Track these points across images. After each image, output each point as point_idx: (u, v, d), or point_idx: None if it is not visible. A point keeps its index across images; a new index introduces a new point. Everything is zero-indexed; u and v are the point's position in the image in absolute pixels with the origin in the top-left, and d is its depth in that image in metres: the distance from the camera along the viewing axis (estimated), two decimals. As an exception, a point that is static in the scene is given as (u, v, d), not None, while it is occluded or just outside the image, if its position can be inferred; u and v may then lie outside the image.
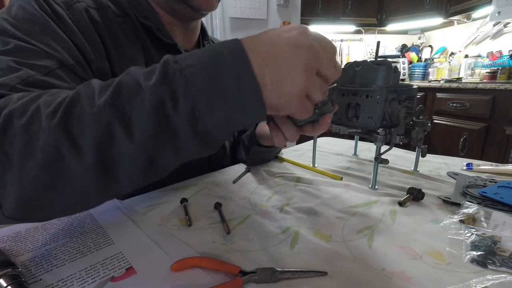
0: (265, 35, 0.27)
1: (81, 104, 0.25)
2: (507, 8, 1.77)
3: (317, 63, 0.27)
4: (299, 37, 0.26)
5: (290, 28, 0.27)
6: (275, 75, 0.26)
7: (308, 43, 0.26)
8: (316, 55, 0.27)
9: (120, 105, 0.25)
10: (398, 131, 0.47)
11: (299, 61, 0.26)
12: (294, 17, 1.99)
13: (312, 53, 0.27)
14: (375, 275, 0.29)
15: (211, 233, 0.37)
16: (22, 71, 0.32)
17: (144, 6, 0.50)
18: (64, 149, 0.24)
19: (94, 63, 0.42)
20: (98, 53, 0.43)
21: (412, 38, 3.13)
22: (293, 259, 0.31)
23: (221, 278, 0.28)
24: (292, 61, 0.26)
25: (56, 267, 0.30)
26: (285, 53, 0.26)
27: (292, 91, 0.26)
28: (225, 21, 1.81)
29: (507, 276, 0.28)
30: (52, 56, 0.36)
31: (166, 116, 0.25)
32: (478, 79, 2.16)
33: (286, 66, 0.26)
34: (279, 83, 0.26)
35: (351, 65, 0.51)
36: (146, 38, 0.51)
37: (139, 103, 0.24)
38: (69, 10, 0.41)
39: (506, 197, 0.43)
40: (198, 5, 0.49)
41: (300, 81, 0.26)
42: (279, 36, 0.27)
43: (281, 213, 0.42)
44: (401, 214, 0.41)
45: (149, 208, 0.43)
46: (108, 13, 0.47)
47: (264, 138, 0.57)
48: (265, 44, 0.26)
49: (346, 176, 0.56)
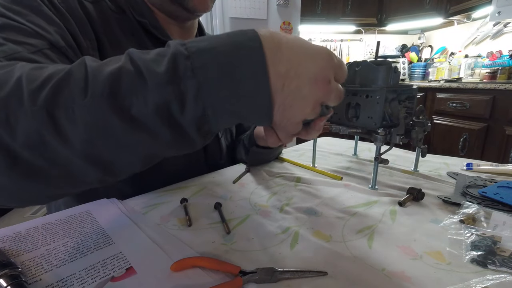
0: (290, 49, 0.25)
1: (71, 89, 0.22)
2: (507, 8, 1.77)
3: (326, 98, 0.27)
4: (321, 72, 0.26)
5: (316, 52, 0.26)
6: (286, 100, 0.25)
7: (327, 80, 0.26)
8: (329, 92, 0.27)
9: (119, 98, 0.22)
10: (398, 131, 0.47)
11: (313, 97, 0.26)
12: (294, 17, 1.98)
13: (327, 90, 0.26)
14: (375, 275, 0.29)
15: (211, 233, 0.37)
16: (7, 46, 0.31)
17: (140, 4, 0.51)
18: (49, 136, 0.22)
19: (85, 50, 0.42)
20: (89, 41, 0.43)
21: (412, 38, 3.13)
22: (293, 259, 0.31)
23: (221, 278, 0.28)
24: (306, 95, 0.26)
25: (56, 267, 0.30)
26: (302, 85, 0.25)
27: (295, 119, 0.27)
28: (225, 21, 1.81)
29: (507, 276, 0.28)
30: (42, 37, 0.36)
31: (169, 117, 0.23)
32: (478, 79, 2.16)
33: (299, 96, 0.25)
34: (286, 108, 0.26)
35: (351, 65, 0.51)
36: (143, 35, 0.51)
37: (141, 100, 0.22)
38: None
39: (506, 197, 0.43)
40: (193, 7, 0.50)
41: (306, 113, 0.27)
42: (304, 61, 0.25)
43: (281, 213, 0.42)
44: (401, 214, 0.41)
45: (149, 208, 0.43)
46: (104, 8, 0.47)
47: (260, 138, 0.57)
48: (288, 64, 0.25)
49: (346, 176, 0.56)
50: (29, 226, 0.38)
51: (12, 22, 0.34)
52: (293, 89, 0.25)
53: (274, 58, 0.24)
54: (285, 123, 0.27)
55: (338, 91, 0.28)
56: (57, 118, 0.21)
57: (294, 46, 0.25)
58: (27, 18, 0.35)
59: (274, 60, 0.24)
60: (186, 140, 0.25)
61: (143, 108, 0.22)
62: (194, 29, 0.61)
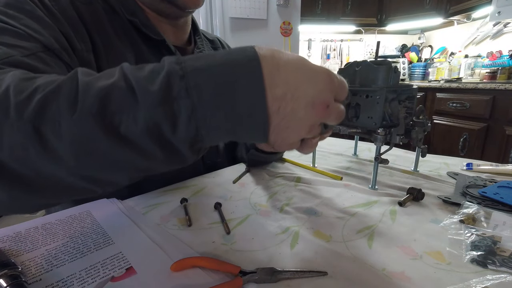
0: (289, 71, 0.24)
1: (59, 103, 0.21)
2: (507, 8, 1.77)
3: (324, 120, 0.27)
4: (319, 96, 0.25)
5: (315, 74, 0.25)
6: (281, 122, 0.25)
7: (325, 103, 0.26)
8: (327, 115, 0.26)
9: (108, 115, 0.21)
10: (398, 131, 0.47)
11: (309, 120, 0.26)
12: (294, 17, 1.99)
13: (324, 114, 0.26)
14: (375, 275, 0.29)
15: (211, 233, 0.37)
16: (1, 49, 0.31)
17: (131, 4, 0.51)
18: (34, 150, 0.21)
19: (79, 52, 0.42)
20: (83, 43, 0.43)
21: (412, 38, 3.13)
22: (293, 259, 0.31)
23: (221, 278, 0.28)
24: (302, 118, 0.25)
25: (56, 267, 0.30)
26: (298, 108, 0.25)
27: (290, 140, 0.27)
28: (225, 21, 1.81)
29: (507, 276, 0.28)
30: (36, 40, 0.36)
31: (160, 137, 0.22)
32: (478, 79, 2.16)
33: (295, 119, 0.25)
34: (282, 130, 0.25)
35: (351, 65, 0.51)
36: (135, 34, 0.51)
37: (131, 118, 0.21)
38: (55, 1, 0.42)
39: (506, 197, 0.43)
40: (183, 3, 0.50)
41: (301, 134, 0.27)
42: (301, 84, 0.25)
43: (281, 213, 0.42)
44: (401, 214, 0.41)
45: (149, 208, 0.43)
46: (97, 9, 0.47)
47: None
48: (285, 87, 0.24)
49: (346, 176, 0.56)
50: (29, 226, 0.38)
51: (6, 26, 0.34)
52: (289, 112, 0.24)
53: (271, 80, 0.23)
54: (279, 143, 0.27)
55: (338, 112, 0.27)
56: (43, 133, 0.21)
57: (293, 68, 0.25)
58: (21, 22, 0.35)
59: (271, 82, 0.23)
60: (177, 157, 0.25)
61: (132, 127, 0.22)
62: (187, 27, 0.61)
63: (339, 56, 3.10)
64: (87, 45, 0.44)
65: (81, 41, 0.43)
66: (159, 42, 0.53)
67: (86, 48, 0.43)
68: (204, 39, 0.67)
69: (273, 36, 1.95)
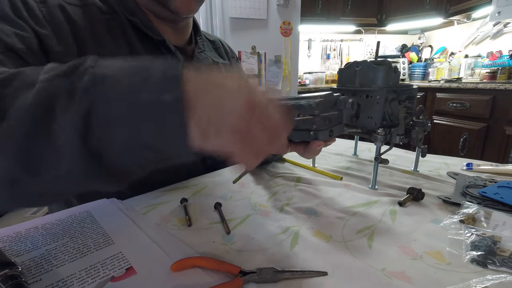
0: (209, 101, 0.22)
1: None
2: (507, 8, 1.77)
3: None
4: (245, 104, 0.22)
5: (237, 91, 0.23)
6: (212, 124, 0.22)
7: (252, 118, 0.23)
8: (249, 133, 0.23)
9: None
10: (398, 131, 0.47)
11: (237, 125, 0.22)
12: (294, 17, 1.98)
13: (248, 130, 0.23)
14: (375, 275, 0.29)
15: (211, 233, 0.37)
16: None
17: (132, 5, 0.51)
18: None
19: (55, 54, 0.42)
20: (64, 45, 0.43)
21: (412, 38, 3.13)
22: (293, 259, 0.31)
23: (221, 278, 0.28)
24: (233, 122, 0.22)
25: (56, 267, 0.30)
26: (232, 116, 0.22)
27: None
28: (225, 21, 1.81)
29: (507, 276, 0.28)
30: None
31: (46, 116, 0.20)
32: (478, 79, 2.16)
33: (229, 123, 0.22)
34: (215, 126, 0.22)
35: (351, 65, 0.51)
36: (133, 35, 0.51)
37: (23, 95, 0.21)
38: (42, 3, 0.42)
39: (506, 197, 0.43)
40: (175, 9, 0.50)
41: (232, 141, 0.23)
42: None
43: (281, 213, 0.42)
44: (401, 214, 0.41)
45: (149, 208, 0.43)
46: (93, 10, 0.48)
47: None
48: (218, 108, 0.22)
49: (346, 176, 0.56)
50: (29, 226, 0.38)
51: None
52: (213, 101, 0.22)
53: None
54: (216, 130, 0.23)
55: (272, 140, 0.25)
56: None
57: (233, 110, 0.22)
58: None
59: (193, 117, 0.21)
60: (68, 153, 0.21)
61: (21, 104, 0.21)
62: (188, 29, 0.61)
63: (339, 56, 3.10)
64: (68, 47, 0.44)
65: (62, 44, 0.43)
66: (159, 42, 0.53)
67: (67, 51, 0.43)
68: (205, 39, 0.68)
69: (273, 36, 1.95)
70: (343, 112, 0.35)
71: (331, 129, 0.33)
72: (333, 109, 0.35)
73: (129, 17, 0.50)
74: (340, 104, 0.35)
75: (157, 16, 0.53)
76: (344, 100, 0.35)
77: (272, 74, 2.01)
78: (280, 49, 1.99)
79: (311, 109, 0.32)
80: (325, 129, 0.33)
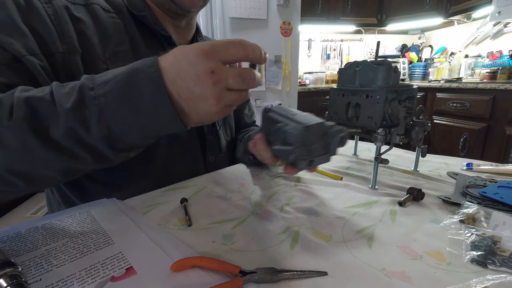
0: (174, 60, 0.29)
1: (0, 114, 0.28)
2: (507, 8, 1.77)
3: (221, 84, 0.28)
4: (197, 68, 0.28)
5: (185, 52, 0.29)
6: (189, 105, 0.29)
7: (208, 71, 0.27)
8: (220, 80, 0.28)
9: (37, 121, 0.28)
10: (398, 131, 0.47)
11: (207, 93, 0.28)
12: (294, 17, 1.98)
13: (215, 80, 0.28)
14: (375, 275, 0.29)
15: (211, 233, 0.37)
16: None
17: (138, 2, 0.52)
18: None
19: (59, 55, 0.42)
20: (67, 46, 0.43)
21: (412, 38, 3.13)
22: (293, 259, 0.31)
23: (221, 278, 0.28)
24: (200, 94, 0.28)
25: (56, 267, 0.30)
26: (190, 86, 0.28)
27: (209, 117, 0.30)
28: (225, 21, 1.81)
29: (507, 276, 0.28)
30: (2, 49, 0.37)
31: (78, 138, 0.29)
32: (478, 79, 2.16)
33: (196, 97, 0.28)
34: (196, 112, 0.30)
35: (351, 65, 0.51)
36: (137, 33, 0.51)
37: (55, 124, 0.28)
38: (48, 4, 0.43)
39: (506, 197, 0.43)
40: (179, 2, 0.51)
41: (214, 106, 0.29)
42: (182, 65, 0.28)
43: (281, 213, 0.41)
44: (401, 214, 0.41)
45: (149, 208, 0.43)
46: (95, 9, 0.48)
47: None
48: (174, 73, 0.28)
49: (346, 176, 0.56)
50: (29, 226, 0.38)
51: None
52: (186, 92, 0.28)
53: (168, 74, 0.28)
54: (201, 121, 0.31)
55: (233, 73, 0.29)
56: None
57: (176, 57, 0.29)
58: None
59: (168, 76, 0.28)
60: (101, 156, 0.32)
61: (56, 131, 0.28)
62: (191, 29, 0.62)
63: (339, 56, 3.10)
64: (70, 47, 0.44)
65: (65, 43, 0.43)
66: (164, 38, 0.54)
67: (69, 50, 0.43)
68: (206, 39, 0.68)
69: (273, 36, 1.95)
70: (330, 145, 0.33)
71: (311, 159, 0.32)
72: (321, 140, 0.32)
73: (137, 13, 0.51)
74: (329, 137, 0.33)
75: (162, 8, 0.54)
76: (334, 134, 0.32)
77: (272, 74, 2.01)
78: (280, 49, 1.99)
79: (292, 139, 0.31)
80: (305, 159, 0.32)
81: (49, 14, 0.42)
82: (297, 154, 0.31)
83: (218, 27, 1.80)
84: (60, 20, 0.43)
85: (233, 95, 0.29)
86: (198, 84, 0.28)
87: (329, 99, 0.55)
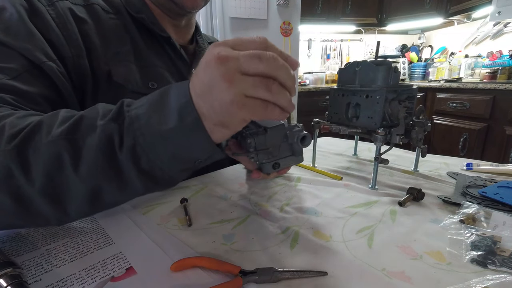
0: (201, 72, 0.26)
1: (40, 133, 0.27)
2: (507, 8, 1.77)
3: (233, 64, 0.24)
4: (207, 56, 0.25)
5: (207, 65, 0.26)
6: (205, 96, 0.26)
7: (215, 53, 0.24)
8: (226, 59, 0.24)
9: (74, 138, 0.27)
10: (398, 131, 0.47)
11: (215, 74, 0.24)
12: (294, 17, 1.98)
13: (221, 60, 0.24)
14: (375, 275, 0.29)
15: (211, 233, 0.37)
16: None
17: (137, 2, 0.52)
18: (16, 170, 0.26)
19: (69, 59, 0.43)
20: (75, 49, 0.43)
21: (412, 38, 3.13)
22: (293, 259, 0.31)
23: (221, 278, 0.28)
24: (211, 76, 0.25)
25: (56, 267, 0.30)
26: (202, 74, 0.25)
27: (224, 99, 0.25)
28: (225, 21, 1.81)
29: (507, 276, 0.28)
30: (22, 57, 0.37)
31: (111, 154, 0.27)
32: (478, 79, 2.16)
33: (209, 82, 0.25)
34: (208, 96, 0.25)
35: (351, 65, 0.51)
36: (136, 33, 0.51)
37: (91, 138, 0.27)
38: (51, 7, 0.42)
39: (506, 197, 0.43)
40: (180, 2, 0.51)
41: (226, 89, 0.24)
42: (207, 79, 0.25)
43: (281, 213, 0.41)
44: (401, 214, 0.41)
45: (149, 208, 0.43)
46: (96, 9, 0.48)
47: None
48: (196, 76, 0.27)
49: (346, 176, 0.56)
50: (29, 226, 0.38)
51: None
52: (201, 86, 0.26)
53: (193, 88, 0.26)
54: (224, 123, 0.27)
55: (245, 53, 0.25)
56: (25, 155, 0.26)
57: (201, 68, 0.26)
58: (10, 37, 0.37)
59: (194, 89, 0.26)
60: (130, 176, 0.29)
61: (91, 146, 0.27)
62: (190, 28, 0.62)
63: (339, 56, 3.10)
64: (78, 50, 0.44)
65: (73, 47, 0.43)
66: (163, 39, 0.53)
67: (77, 54, 0.44)
68: (205, 39, 0.68)
69: (273, 36, 1.95)
70: (293, 145, 0.33)
71: (276, 162, 0.33)
72: (284, 142, 0.33)
73: (135, 14, 0.51)
74: (290, 139, 0.33)
75: (162, 8, 0.53)
76: (293, 135, 0.33)
77: (272, 74, 2.01)
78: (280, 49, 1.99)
79: (252, 143, 0.32)
80: (269, 162, 0.32)
81: (53, 17, 0.42)
82: (258, 158, 0.32)
83: (218, 27, 1.80)
84: (64, 23, 0.43)
85: (250, 80, 0.25)
86: (207, 70, 0.25)
87: (329, 99, 0.55)
